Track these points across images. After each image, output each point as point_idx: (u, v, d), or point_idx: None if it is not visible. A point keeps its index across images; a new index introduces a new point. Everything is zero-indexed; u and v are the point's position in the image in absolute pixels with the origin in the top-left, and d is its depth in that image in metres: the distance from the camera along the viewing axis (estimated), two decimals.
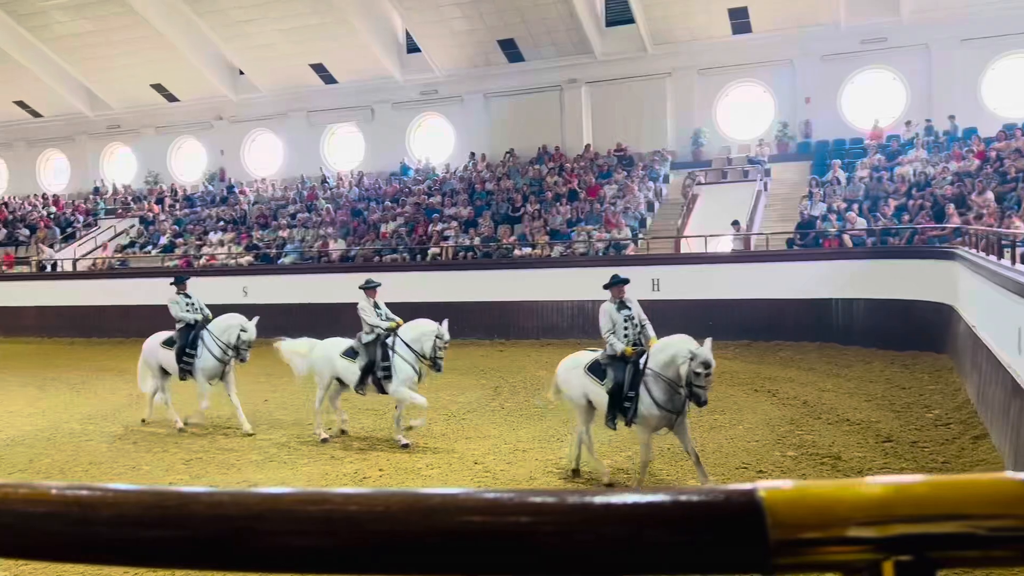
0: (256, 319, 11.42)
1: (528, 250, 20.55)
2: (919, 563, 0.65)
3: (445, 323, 10.06)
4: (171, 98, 30.74)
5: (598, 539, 0.69)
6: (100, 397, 14.38)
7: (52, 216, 29.71)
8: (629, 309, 8.47)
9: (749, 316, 16.96)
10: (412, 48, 27.21)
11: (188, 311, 11.72)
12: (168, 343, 11.82)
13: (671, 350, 7.78)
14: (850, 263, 17.05)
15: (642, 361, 8.06)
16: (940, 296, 14.87)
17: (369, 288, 10.75)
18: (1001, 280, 9.32)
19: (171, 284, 12.06)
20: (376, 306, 10.67)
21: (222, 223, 26.59)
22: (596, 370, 8.47)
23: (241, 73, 29.35)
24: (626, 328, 8.35)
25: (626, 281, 8.67)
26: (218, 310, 12.02)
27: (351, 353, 10.54)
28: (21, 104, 32.32)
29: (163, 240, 26.37)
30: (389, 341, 10.27)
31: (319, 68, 28.19)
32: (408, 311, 11.32)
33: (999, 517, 0.65)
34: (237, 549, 0.73)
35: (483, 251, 21.04)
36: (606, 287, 8.69)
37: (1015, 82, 22.25)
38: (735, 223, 19.57)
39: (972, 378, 11.29)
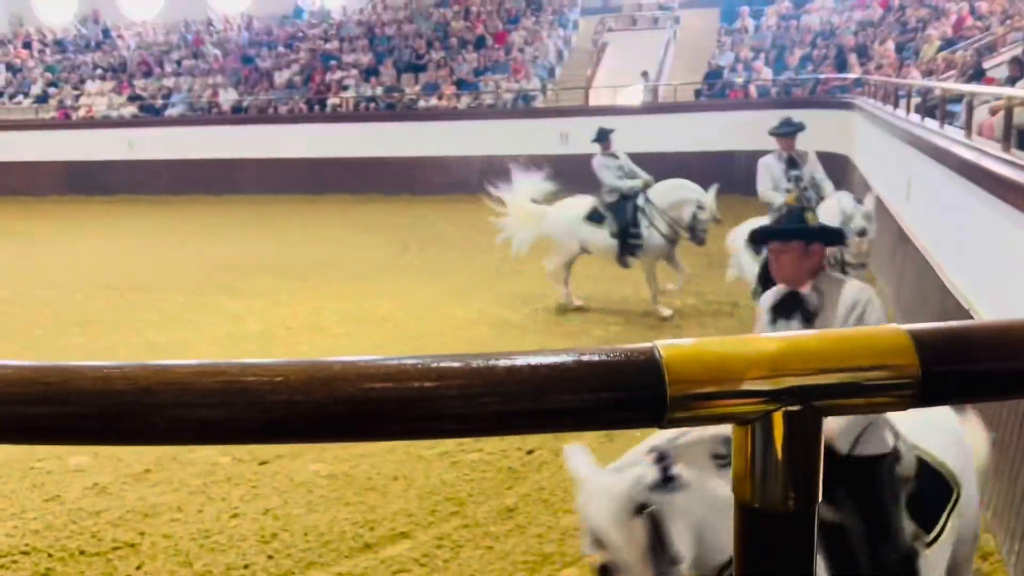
0: (714, 188, 8.73)
1: (434, 101, 19.96)
2: (807, 411, 0.69)
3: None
4: None
5: (502, 400, 0.69)
6: None
7: None
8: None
9: (656, 169, 16.91)
10: None
11: (621, 177, 9.13)
12: (593, 217, 9.10)
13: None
14: (754, 114, 17.28)
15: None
16: (837, 147, 15.35)
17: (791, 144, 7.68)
18: (894, 130, 9.67)
19: (594, 141, 9.29)
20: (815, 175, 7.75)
21: (100, 71, 24.63)
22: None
23: None
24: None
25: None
26: (101, 167, 11.12)
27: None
28: None
29: (35, 89, 24.33)
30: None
31: None
32: (306, 168, 10.85)
33: (880, 368, 0.68)
34: (126, 424, 0.70)
35: (386, 102, 20.32)
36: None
37: None
38: (644, 74, 19.44)
39: None
